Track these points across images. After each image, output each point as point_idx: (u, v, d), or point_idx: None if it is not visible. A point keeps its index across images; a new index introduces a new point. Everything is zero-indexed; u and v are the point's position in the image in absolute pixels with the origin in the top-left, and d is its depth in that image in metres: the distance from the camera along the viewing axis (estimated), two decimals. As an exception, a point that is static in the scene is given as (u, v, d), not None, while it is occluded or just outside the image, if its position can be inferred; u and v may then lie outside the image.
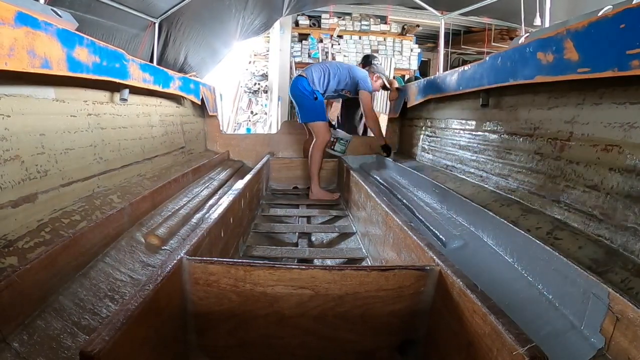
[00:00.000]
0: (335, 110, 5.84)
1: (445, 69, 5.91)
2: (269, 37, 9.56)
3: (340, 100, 5.22)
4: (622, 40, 1.38)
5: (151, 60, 4.63)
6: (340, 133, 4.28)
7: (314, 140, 3.98)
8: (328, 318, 1.27)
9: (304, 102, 4.00)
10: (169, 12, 4.49)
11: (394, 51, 8.46)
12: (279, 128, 4.76)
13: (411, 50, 8.54)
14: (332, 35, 8.28)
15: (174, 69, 4.47)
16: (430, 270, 1.26)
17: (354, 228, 2.85)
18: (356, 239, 2.68)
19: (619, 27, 1.39)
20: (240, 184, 2.57)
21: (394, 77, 5.76)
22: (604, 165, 1.60)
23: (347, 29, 8.32)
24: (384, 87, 4.44)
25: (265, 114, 10.29)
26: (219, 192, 3.11)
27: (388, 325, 1.29)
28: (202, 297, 1.25)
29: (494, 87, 2.40)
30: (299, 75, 4.06)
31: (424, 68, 9.99)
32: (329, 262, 2.38)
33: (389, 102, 4.87)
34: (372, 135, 4.55)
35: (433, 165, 3.50)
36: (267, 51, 10.50)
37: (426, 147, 3.80)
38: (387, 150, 4.20)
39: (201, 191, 2.90)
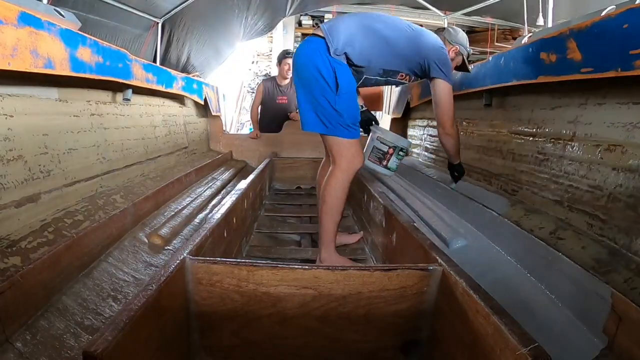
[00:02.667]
0: None
1: (448, 69, 5.89)
2: (272, 37, 9.56)
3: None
4: (625, 40, 1.37)
5: (154, 61, 4.63)
6: (391, 134, 2.44)
7: (332, 167, 2.18)
8: (331, 318, 1.27)
9: (315, 93, 2.07)
10: (173, 12, 4.49)
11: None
12: (282, 128, 4.75)
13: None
14: (334, 35, 8.23)
15: (176, 69, 4.47)
16: (433, 270, 1.26)
17: (356, 228, 2.85)
18: (359, 239, 2.67)
19: (622, 27, 1.38)
20: (243, 184, 2.57)
21: None
22: (606, 165, 1.60)
23: (349, 29, 8.30)
24: (460, 67, 2.53)
25: (268, 114, 10.29)
26: (222, 192, 3.11)
27: (391, 326, 1.29)
28: (205, 297, 1.25)
29: (497, 87, 2.40)
30: (313, 34, 2.13)
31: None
32: (331, 262, 2.38)
33: (392, 100, 4.64)
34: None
35: (436, 165, 3.50)
36: (270, 51, 10.49)
37: (429, 147, 3.79)
38: (458, 173, 2.57)
39: (204, 191, 2.90)
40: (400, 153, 2.41)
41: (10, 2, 1.44)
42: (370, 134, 2.46)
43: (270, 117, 4.81)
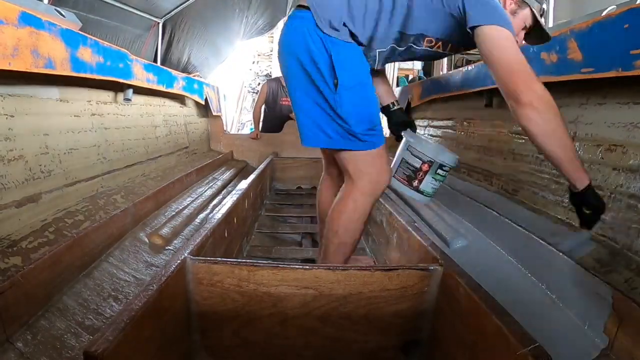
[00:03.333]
0: None
1: (449, 69, 5.90)
2: (272, 37, 9.59)
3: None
4: (626, 40, 1.37)
5: (155, 61, 4.65)
6: (429, 144, 1.78)
7: (347, 186, 1.67)
8: (332, 318, 1.27)
9: (309, 91, 1.55)
10: (173, 12, 4.50)
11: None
12: (283, 128, 4.75)
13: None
14: (335, 35, 8.18)
15: (177, 69, 4.48)
16: (433, 270, 1.26)
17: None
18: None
19: (623, 27, 1.38)
20: (244, 184, 2.57)
21: (397, 77, 5.45)
22: (607, 165, 1.60)
23: (350, 29, 8.27)
24: (532, 33, 1.61)
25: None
26: (222, 192, 3.11)
27: (392, 326, 1.29)
28: (205, 297, 1.25)
29: (497, 87, 2.39)
30: (299, 6, 1.55)
31: (428, 68, 9.95)
32: (332, 262, 2.38)
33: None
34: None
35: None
36: (271, 51, 10.54)
37: (429, 147, 3.79)
38: (589, 206, 1.35)
39: (205, 191, 2.90)
40: (440, 172, 1.69)
41: (11, 2, 1.44)
42: (402, 142, 1.80)
43: (273, 118, 4.83)
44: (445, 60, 6.52)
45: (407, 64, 8.28)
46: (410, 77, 7.92)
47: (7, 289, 1.13)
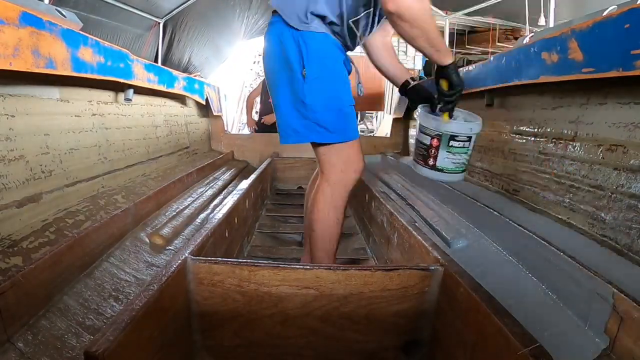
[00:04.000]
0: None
1: (449, 69, 5.89)
2: (273, 37, 9.55)
3: None
4: (626, 40, 1.37)
5: (155, 61, 4.65)
6: (438, 118, 1.57)
7: (319, 179, 1.73)
8: (333, 318, 1.28)
9: (286, 91, 1.57)
10: (174, 12, 4.50)
11: (398, 51, 8.42)
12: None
13: (416, 50, 8.46)
14: (336, 35, 8.17)
15: (178, 69, 4.48)
16: (434, 270, 1.26)
17: (358, 228, 2.85)
18: (360, 239, 2.68)
19: (624, 27, 1.38)
20: (244, 184, 2.57)
21: None
22: (608, 165, 1.59)
23: (350, 29, 8.28)
24: None
25: (269, 114, 10.31)
26: (223, 192, 3.11)
27: (393, 326, 1.29)
28: (206, 297, 1.25)
29: (498, 87, 2.39)
30: (273, 11, 1.59)
31: (429, 68, 9.91)
32: (332, 262, 2.38)
33: (394, 99, 4.61)
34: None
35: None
36: (271, 51, 10.48)
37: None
38: (450, 85, 1.52)
39: (205, 191, 2.90)
40: (454, 144, 1.47)
41: (12, 2, 1.44)
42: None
43: (265, 115, 5.09)
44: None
45: (408, 64, 8.26)
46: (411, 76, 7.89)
47: (7, 288, 1.13)
